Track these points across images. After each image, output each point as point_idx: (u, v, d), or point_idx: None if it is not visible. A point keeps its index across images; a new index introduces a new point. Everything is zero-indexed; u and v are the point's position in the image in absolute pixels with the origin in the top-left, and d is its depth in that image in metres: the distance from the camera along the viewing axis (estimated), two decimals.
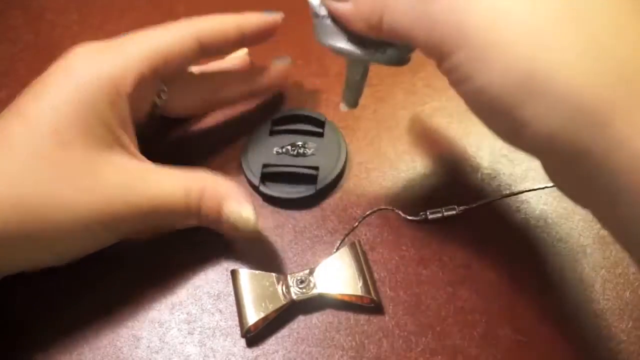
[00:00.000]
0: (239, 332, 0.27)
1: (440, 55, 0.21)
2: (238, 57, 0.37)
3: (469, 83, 0.20)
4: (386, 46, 0.24)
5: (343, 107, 0.29)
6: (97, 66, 0.27)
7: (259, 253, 0.30)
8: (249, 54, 0.37)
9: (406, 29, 0.21)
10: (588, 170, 0.19)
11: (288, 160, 0.33)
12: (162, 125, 0.36)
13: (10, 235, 0.24)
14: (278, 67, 0.35)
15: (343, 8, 0.23)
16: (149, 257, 0.30)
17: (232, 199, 0.27)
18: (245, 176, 0.32)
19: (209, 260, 0.30)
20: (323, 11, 0.25)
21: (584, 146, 0.18)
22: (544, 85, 0.18)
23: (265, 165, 0.32)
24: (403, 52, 0.25)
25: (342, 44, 0.25)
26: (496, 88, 0.19)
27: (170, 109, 0.32)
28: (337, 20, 0.24)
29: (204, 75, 0.34)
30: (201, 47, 0.30)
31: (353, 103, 0.29)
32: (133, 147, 0.28)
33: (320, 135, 0.34)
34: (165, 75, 0.29)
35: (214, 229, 0.29)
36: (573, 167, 0.19)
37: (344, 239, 0.31)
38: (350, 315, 0.28)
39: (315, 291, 0.27)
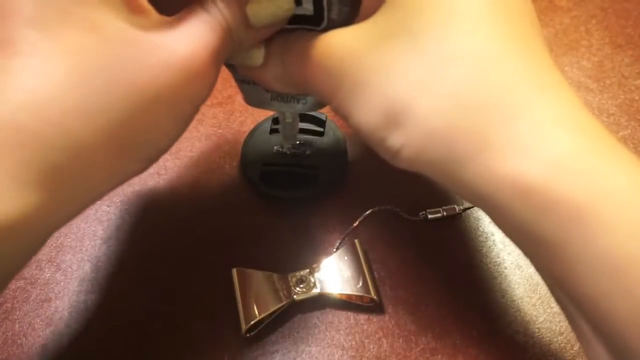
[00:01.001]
0: (239, 331, 0.27)
1: (328, 99, 0.23)
2: None
3: (349, 120, 0.22)
4: (305, 97, 0.27)
5: (284, 142, 0.33)
6: None
7: (259, 252, 0.30)
8: None
9: (300, 71, 0.23)
10: (454, 182, 0.21)
11: (288, 159, 0.33)
12: None
13: (95, 142, 0.19)
14: None
15: (257, 73, 0.25)
16: (149, 257, 0.30)
17: None
18: (245, 175, 0.33)
19: (209, 259, 0.30)
20: (242, 76, 0.27)
21: (440, 166, 0.20)
22: (399, 118, 0.20)
23: (265, 164, 0.33)
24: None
25: (267, 101, 0.28)
26: (366, 125, 0.21)
27: None
28: (255, 81, 0.27)
29: None
30: None
31: (291, 139, 0.32)
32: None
33: (321, 134, 0.34)
34: None
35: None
36: (446, 180, 0.21)
37: (344, 238, 0.31)
38: (350, 314, 0.28)
39: (315, 291, 0.27)
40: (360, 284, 0.27)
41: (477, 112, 0.19)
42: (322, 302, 0.28)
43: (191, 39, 0.21)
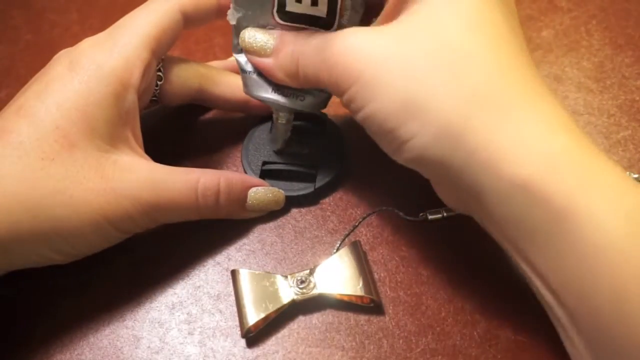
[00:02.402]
0: (239, 332, 0.27)
1: (340, 91, 0.25)
2: None
3: (361, 112, 0.24)
4: (304, 94, 0.29)
5: (273, 147, 0.33)
6: (99, 60, 0.27)
7: (259, 253, 0.30)
8: None
9: (315, 73, 0.25)
10: (454, 177, 0.23)
11: (288, 158, 0.33)
12: (162, 124, 0.36)
13: (21, 234, 0.24)
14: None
15: (265, 62, 0.27)
16: (149, 257, 0.30)
17: (254, 185, 0.30)
18: (245, 173, 0.32)
19: (209, 260, 0.30)
20: (249, 67, 0.29)
21: (447, 155, 0.22)
22: (416, 110, 0.22)
23: (265, 163, 0.33)
24: (319, 99, 0.29)
25: (267, 94, 0.29)
26: (381, 114, 0.23)
27: (167, 93, 0.31)
28: (261, 74, 0.28)
29: (201, 64, 0.33)
30: (185, 18, 0.30)
31: (280, 145, 0.33)
32: (138, 145, 0.28)
33: (321, 133, 0.34)
34: (160, 54, 0.29)
35: (221, 217, 0.30)
36: (443, 175, 0.23)
37: (344, 239, 0.31)
38: (351, 315, 0.28)
39: (315, 291, 0.27)
40: (361, 284, 0.27)
41: (487, 111, 0.21)
42: (322, 302, 0.28)
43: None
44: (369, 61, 0.23)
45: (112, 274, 0.29)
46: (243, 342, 0.27)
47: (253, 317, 0.27)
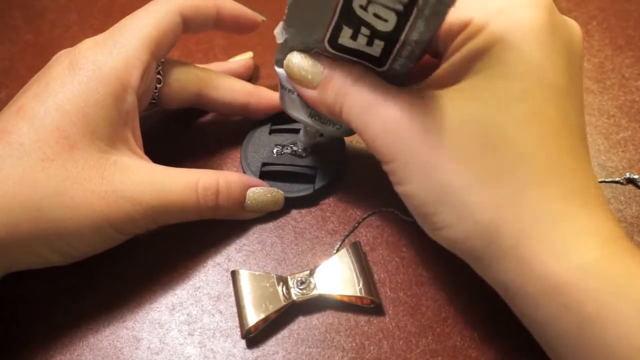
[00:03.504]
0: (239, 333, 0.27)
1: (381, 159, 0.24)
2: (242, 60, 0.37)
3: (400, 187, 0.24)
4: (342, 124, 0.27)
5: (300, 142, 0.33)
6: (99, 60, 0.27)
7: (259, 254, 0.30)
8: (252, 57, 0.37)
9: (358, 127, 0.24)
10: (483, 269, 0.23)
11: (287, 159, 0.33)
12: (161, 125, 0.36)
13: (21, 236, 0.24)
14: (241, 61, 0.37)
15: (309, 93, 0.26)
16: (149, 258, 0.30)
17: (253, 185, 0.30)
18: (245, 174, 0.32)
19: (209, 261, 0.30)
20: (289, 85, 0.27)
21: (478, 250, 0.22)
22: (452, 202, 0.22)
23: (264, 164, 0.33)
24: None
25: (304, 116, 0.28)
26: (417, 198, 0.23)
27: (166, 96, 0.31)
28: (302, 98, 0.27)
29: (201, 68, 0.33)
30: (184, 22, 0.30)
31: (307, 147, 0.33)
32: (138, 146, 0.28)
33: (321, 135, 0.34)
34: (159, 56, 0.29)
35: (221, 218, 0.30)
36: (474, 265, 0.24)
37: (344, 240, 0.30)
38: (351, 316, 0.28)
39: (315, 292, 0.27)
40: (361, 285, 0.27)
41: (524, 214, 0.21)
42: (322, 303, 0.28)
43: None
44: (409, 145, 0.23)
45: (112, 275, 0.29)
46: (243, 342, 0.27)
47: (253, 317, 0.27)
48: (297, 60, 0.25)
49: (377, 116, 0.23)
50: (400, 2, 0.21)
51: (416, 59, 0.23)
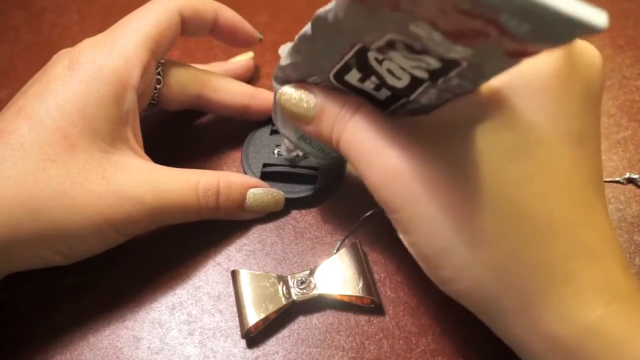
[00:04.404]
0: (239, 333, 0.27)
1: (385, 209, 0.23)
2: (242, 60, 0.37)
3: (404, 236, 0.23)
4: (335, 151, 0.25)
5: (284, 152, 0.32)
6: (99, 60, 0.26)
7: (259, 254, 0.30)
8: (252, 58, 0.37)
9: (357, 166, 0.23)
10: (489, 323, 0.23)
11: (288, 160, 0.33)
12: (161, 125, 0.36)
13: (22, 236, 0.24)
14: (241, 61, 0.37)
15: (305, 127, 0.25)
16: (149, 258, 0.30)
17: (253, 185, 0.30)
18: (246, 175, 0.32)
19: (209, 260, 0.30)
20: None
21: (481, 308, 0.22)
22: (455, 258, 0.21)
23: (265, 165, 0.33)
24: None
25: (295, 139, 0.27)
26: (419, 251, 0.23)
27: (166, 97, 0.31)
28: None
29: (201, 69, 0.33)
30: (183, 22, 0.30)
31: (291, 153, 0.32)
32: (138, 145, 0.28)
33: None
34: (159, 55, 0.29)
35: (221, 218, 0.30)
36: (480, 317, 0.23)
37: (344, 239, 0.30)
38: (351, 316, 0.28)
39: (315, 292, 0.27)
40: (361, 285, 0.27)
41: (524, 274, 0.21)
42: (322, 303, 0.28)
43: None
44: (413, 196, 0.21)
45: (112, 275, 0.29)
46: (243, 342, 0.27)
47: (253, 317, 0.27)
48: (289, 92, 0.24)
49: (377, 161, 0.22)
50: (427, 70, 0.19)
51: (420, 114, 0.22)
